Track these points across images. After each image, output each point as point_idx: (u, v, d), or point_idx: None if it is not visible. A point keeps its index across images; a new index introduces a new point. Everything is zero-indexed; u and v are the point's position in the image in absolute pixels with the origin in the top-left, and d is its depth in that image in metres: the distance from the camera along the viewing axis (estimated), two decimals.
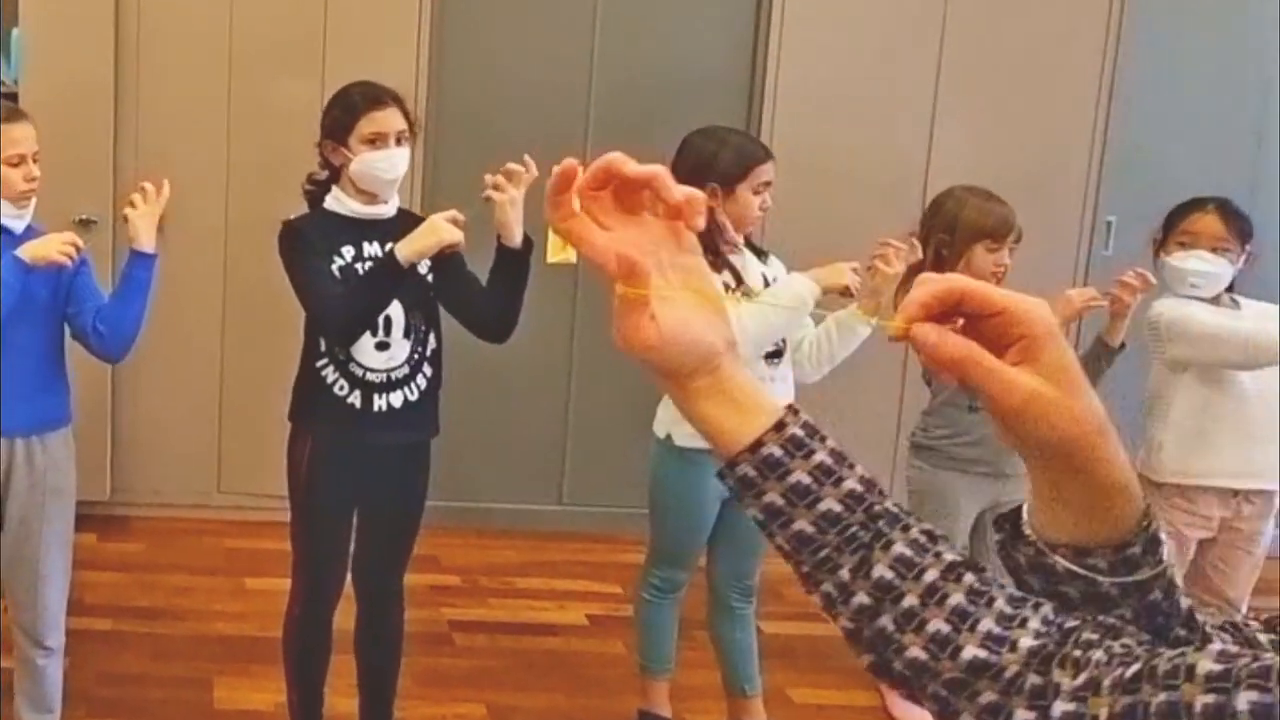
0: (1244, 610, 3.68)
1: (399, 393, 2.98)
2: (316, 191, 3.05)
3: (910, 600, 0.89)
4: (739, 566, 3.31)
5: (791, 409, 0.93)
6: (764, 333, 3.02)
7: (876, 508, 0.91)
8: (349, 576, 3.12)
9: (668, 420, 3.18)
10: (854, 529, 0.90)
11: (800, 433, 0.92)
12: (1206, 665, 0.77)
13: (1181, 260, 3.51)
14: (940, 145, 4.66)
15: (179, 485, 4.65)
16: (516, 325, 2.98)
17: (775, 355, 3.14)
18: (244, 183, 4.49)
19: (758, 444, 0.92)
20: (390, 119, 2.93)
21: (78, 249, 2.86)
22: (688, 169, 3.10)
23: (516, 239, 2.87)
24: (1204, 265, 3.49)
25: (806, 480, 0.91)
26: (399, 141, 2.95)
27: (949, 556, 0.90)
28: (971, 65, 4.66)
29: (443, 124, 4.42)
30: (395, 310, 2.92)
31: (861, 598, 0.90)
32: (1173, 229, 3.55)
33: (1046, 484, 0.89)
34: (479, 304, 2.97)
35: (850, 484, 0.91)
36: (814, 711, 3.69)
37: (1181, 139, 4.72)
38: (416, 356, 2.99)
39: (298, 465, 3.03)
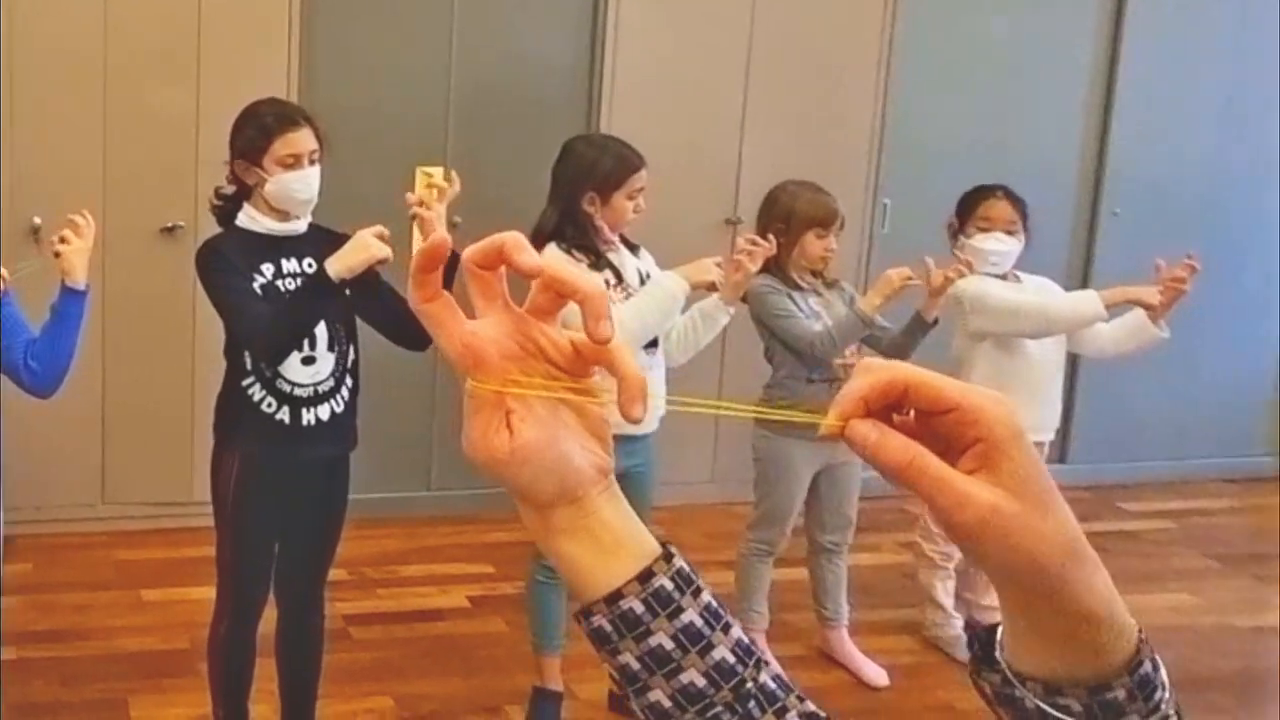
0: None
1: (325, 406, 2.90)
2: (225, 208, 2.93)
3: None
4: None
5: (666, 554, 0.76)
6: (643, 328, 3.16)
7: (748, 685, 0.75)
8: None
9: None
10: (717, 709, 0.74)
11: (669, 585, 0.74)
12: None
13: (982, 242, 3.79)
14: (750, 141, 4.89)
15: (62, 499, 4.44)
16: None
17: (651, 344, 3.27)
18: (121, 191, 4.29)
19: (617, 595, 0.75)
20: (304, 140, 2.84)
21: (3, 280, 2.70)
22: (570, 174, 3.23)
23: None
24: (1001, 245, 3.80)
25: (668, 645, 0.74)
26: (311, 161, 2.86)
27: None
28: (775, 69, 4.91)
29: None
30: (320, 325, 2.84)
31: None
32: (970, 214, 3.85)
33: (1015, 607, 0.71)
34: (399, 316, 2.86)
35: (720, 653, 0.74)
36: None
37: (942, 131, 5.12)
38: (340, 369, 2.92)
39: (225, 485, 2.91)
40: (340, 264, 2.71)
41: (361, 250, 2.72)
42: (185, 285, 2.98)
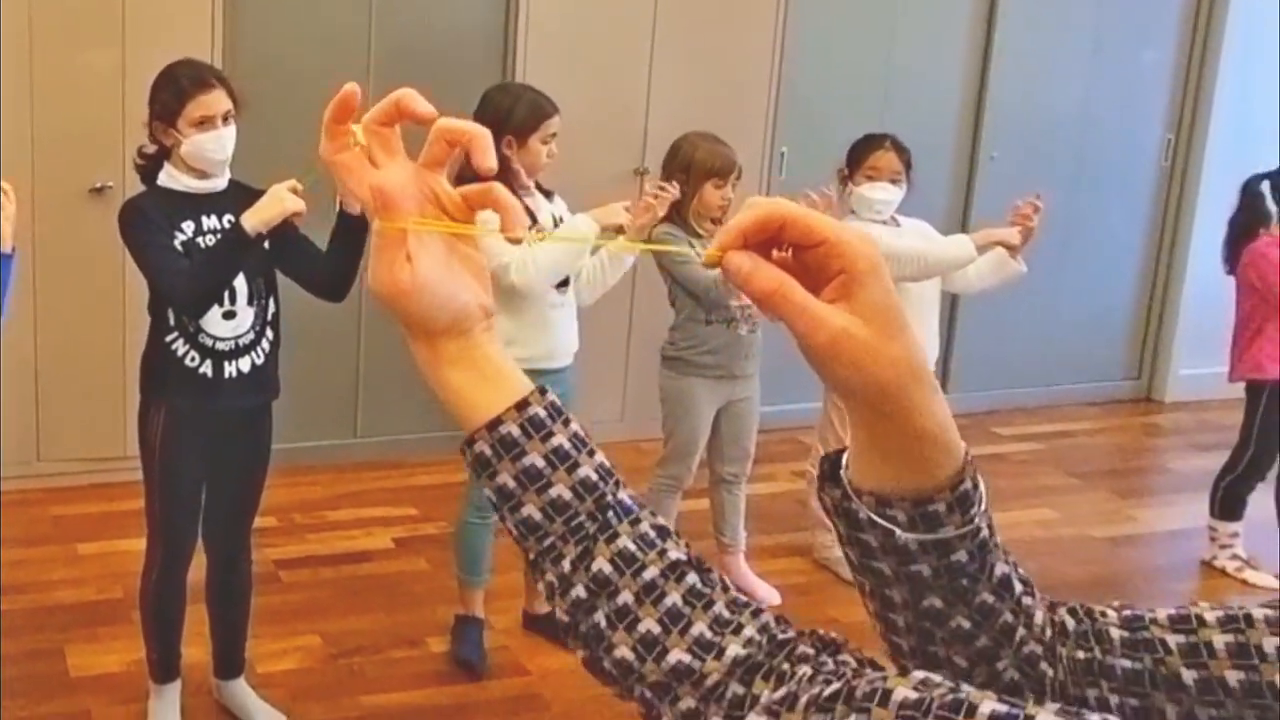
0: None
1: (247, 358, 2.85)
2: (148, 167, 2.86)
3: (625, 597, 0.78)
4: None
5: (540, 390, 0.81)
6: (555, 267, 3.18)
7: (608, 498, 0.79)
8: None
9: None
10: (581, 518, 0.79)
11: (541, 413, 0.80)
12: (903, 692, 0.65)
13: (870, 191, 3.81)
14: (656, 94, 4.86)
15: None
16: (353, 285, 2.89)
17: (563, 284, 3.29)
18: (50, 153, 4.13)
19: (496, 421, 0.79)
20: (217, 101, 2.77)
21: None
22: (486, 121, 3.20)
23: (357, 206, 2.70)
24: (886, 195, 3.82)
25: (540, 464, 0.79)
26: (226, 121, 2.79)
27: (674, 555, 0.79)
28: (679, 24, 4.86)
29: (237, 83, 4.27)
30: (239, 279, 2.79)
31: (579, 590, 0.78)
32: (858, 163, 3.85)
33: (860, 427, 0.77)
34: (318, 267, 2.86)
35: (585, 471, 0.79)
36: None
37: (836, 81, 5.16)
38: (260, 322, 2.87)
39: (151, 438, 2.86)
40: (255, 218, 2.67)
41: (275, 204, 2.67)
42: (115, 244, 2.90)
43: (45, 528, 4.14)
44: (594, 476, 0.79)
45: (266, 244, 2.77)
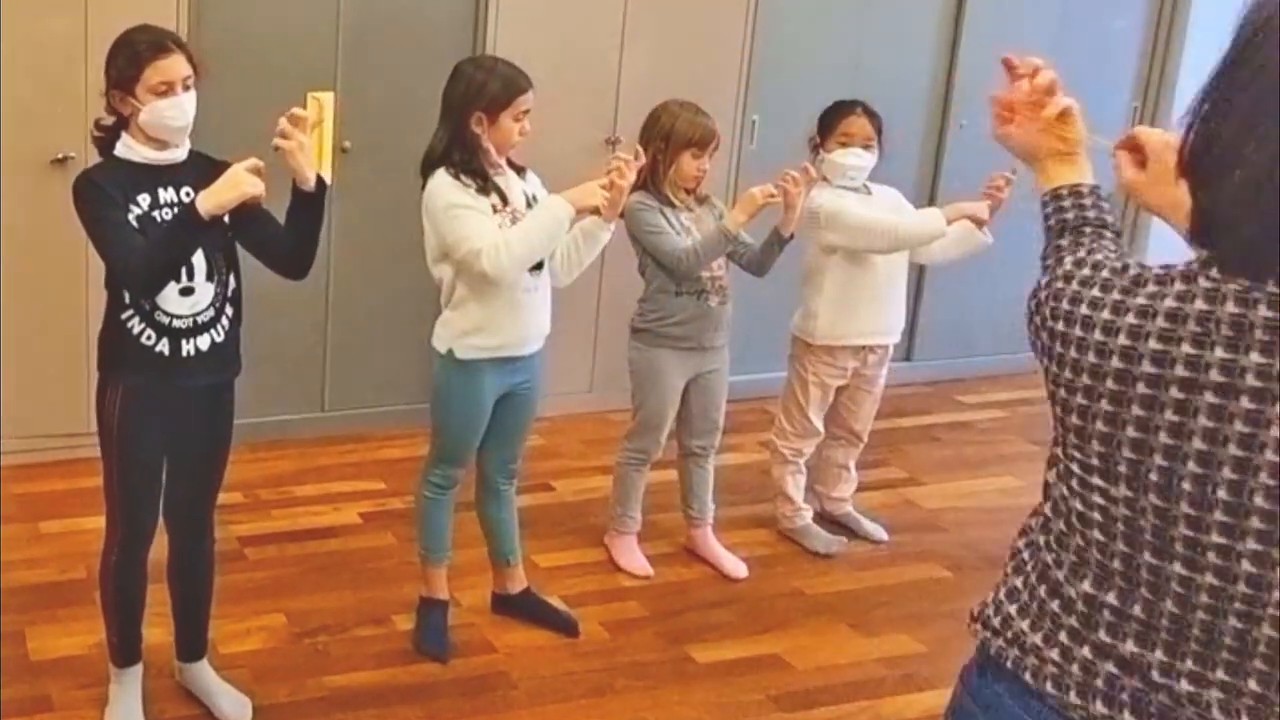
0: (865, 439, 4.07)
1: (205, 336, 2.74)
2: (106, 138, 2.73)
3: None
4: (507, 453, 3.33)
5: None
6: (529, 253, 3.02)
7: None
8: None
9: (447, 336, 3.13)
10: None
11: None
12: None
13: (842, 157, 3.75)
14: (628, 58, 4.73)
15: None
16: (314, 261, 2.78)
17: (537, 267, 3.13)
18: (11, 122, 3.98)
19: None
20: (175, 66, 2.63)
21: None
22: (458, 96, 3.07)
23: (311, 182, 2.63)
24: (860, 160, 3.76)
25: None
26: (185, 87, 2.66)
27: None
28: None
29: (202, 53, 4.12)
30: (198, 255, 2.66)
31: None
32: (830, 129, 3.79)
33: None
34: (278, 244, 2.74)
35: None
36: (557, 571, 3.77)
37: (807, 49, 5.04)
38: (220, 299, 2.75)
39: (109, 417, 2.76)
40: (211, 200, 2.54)
41: (233, 187, 2.55)
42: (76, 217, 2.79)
43: (7, 507, 4.02)
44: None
45: (226, 218, 2.66)
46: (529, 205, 3.14)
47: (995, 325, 5.67)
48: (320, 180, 2.68)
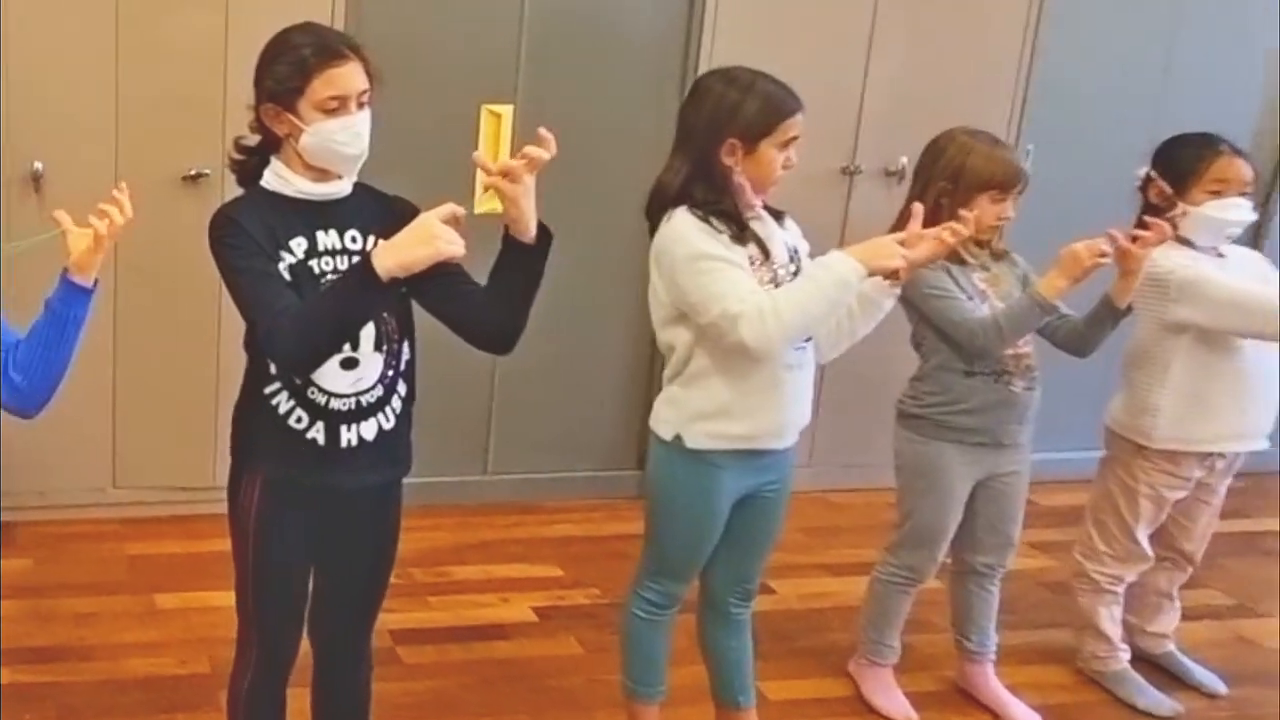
0: (1198, 562, 3.23)
1: (371, 421, 2.11)
2: (248, 163, 2.15)
3: None
4: (744, 569, 2.68)
5: None
6: (804, 323, 2.35)
7: None
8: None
9: (676, 419, 2.49)
10: None
11: None
12: None
13: (1220, 210, 2.93)
14: (874, 73, 4.09)
15: (69, 483, 3.74)
16: (523, 333, 2.12)
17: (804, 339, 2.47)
18: (136, 133, 3.53)
19: None
20: (351, 77, 2.04)
21: None
22: (705, 118, 2.39)
23: (531, 231, 1.99)
24: (1241, 215, 2.97)
25: None
26: (360, 104, 2.06)
27: None
28: None
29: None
30: None
31: None
32: (1192, 174, 2.95)
33: None
34: (478, 309, 2.10)
35: None
36: (793, 708, 3.06)
37: (1096, 70, 4.28)
38: (390, 373, 2.12)
39: (244, 515, 2.16)
40: (393, 259, 1.88)
41: (425, 242, 1.88)
42: None
43: (119, 571, 3.58)
44: None
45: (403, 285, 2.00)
46: (791, 260, 2.48)
47: None
48: (544, 229, 2.01)
